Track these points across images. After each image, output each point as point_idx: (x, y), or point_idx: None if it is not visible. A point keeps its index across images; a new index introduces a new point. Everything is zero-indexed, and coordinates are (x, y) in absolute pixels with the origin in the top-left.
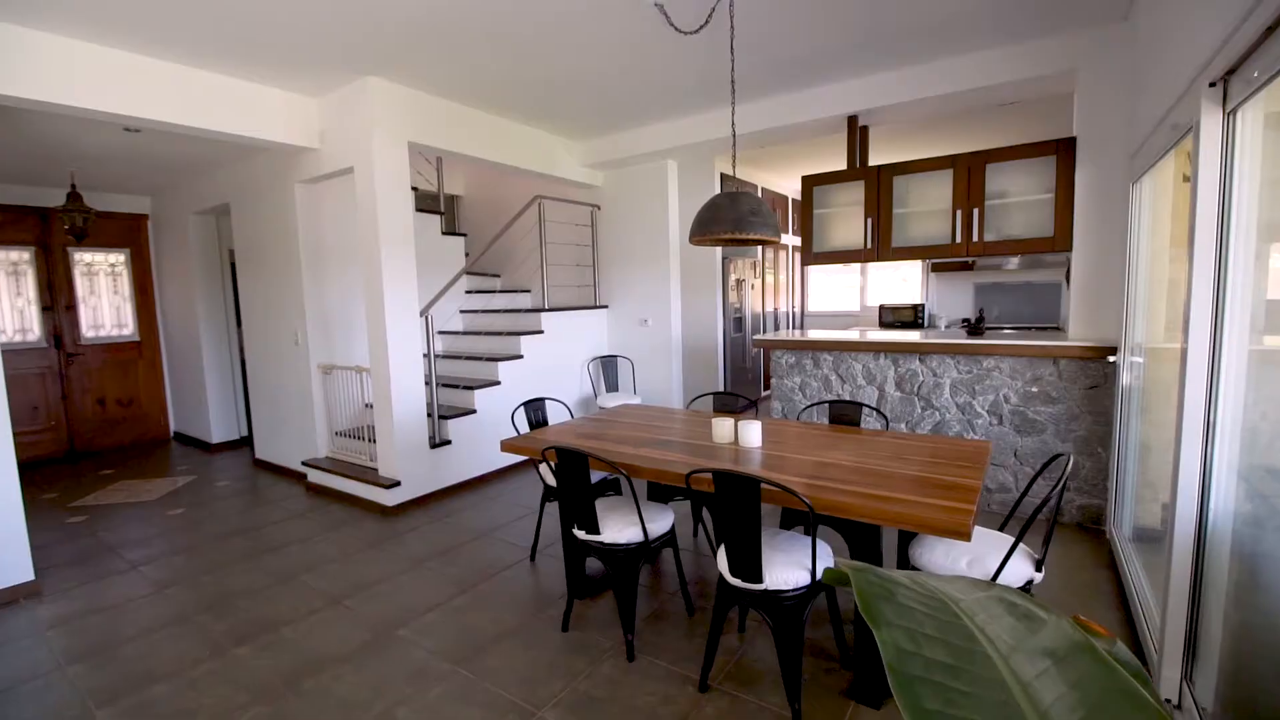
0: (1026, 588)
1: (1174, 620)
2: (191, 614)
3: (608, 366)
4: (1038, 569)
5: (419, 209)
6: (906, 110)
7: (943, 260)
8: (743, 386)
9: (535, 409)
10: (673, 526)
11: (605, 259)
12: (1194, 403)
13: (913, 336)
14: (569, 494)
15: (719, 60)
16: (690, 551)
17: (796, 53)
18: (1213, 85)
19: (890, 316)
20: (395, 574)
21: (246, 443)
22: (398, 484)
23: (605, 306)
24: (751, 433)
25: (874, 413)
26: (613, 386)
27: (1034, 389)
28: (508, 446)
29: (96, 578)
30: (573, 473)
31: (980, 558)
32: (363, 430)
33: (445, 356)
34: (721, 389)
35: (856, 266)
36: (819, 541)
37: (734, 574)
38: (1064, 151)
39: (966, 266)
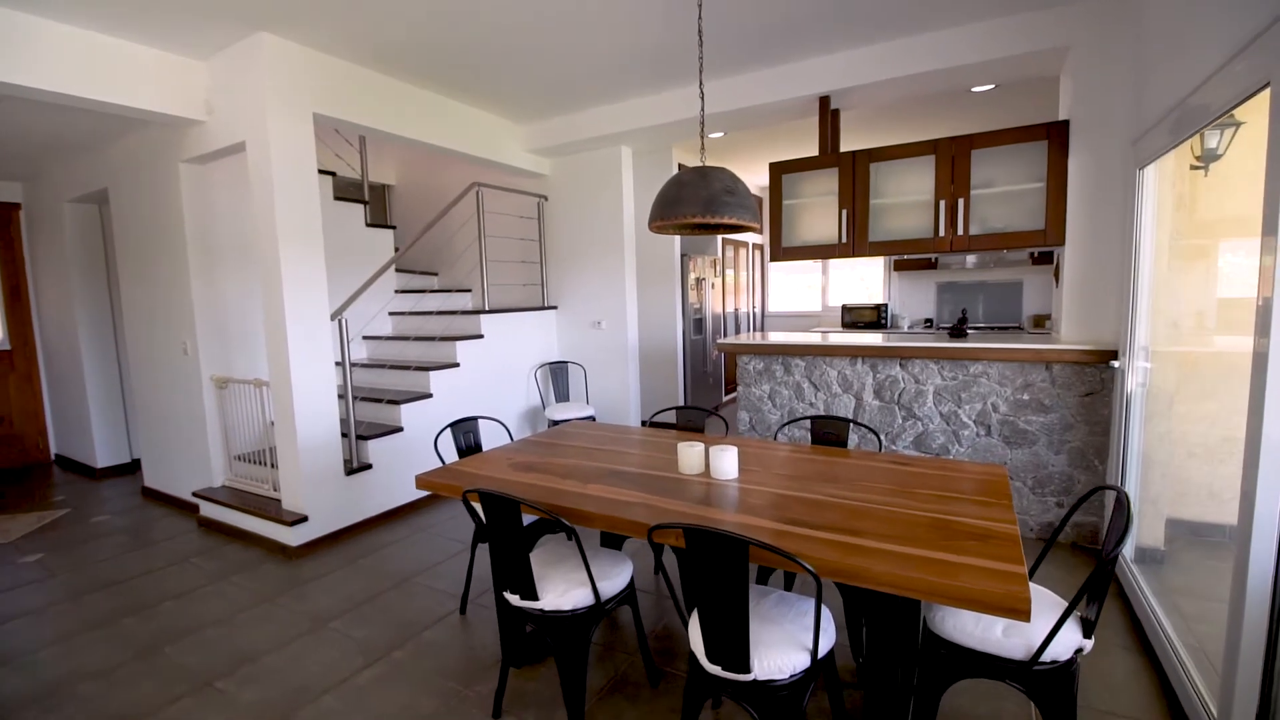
0: (1074, 659)
1: (1244, 691)
2: (12, 709)
3: (557, 374)
4: (1087, 634)
5: (340, 197)
6: (882, 91)
7: (904, 258)
8: (704, 392)
9: (465, 431)
10: (631, 580)
11: (554, 255)
12: (1275, 419)
13: (893, 340)
14: (499, 550)
15: (677, 23)
16: (651, 593)
17: (765, 20)
18: None
19: (852, 317)
20: (289, 640)
21: (139, 467)
22: (304, 519)
23: (554, 307)
24: (725, 462)
25: (864, 430)
26: (563, 396)
27: (1025, 396)
28: (423, 483)
29: None
30: (503, 523)
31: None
32: (266, 454)
33: (369, 365)
34: (682, 394)
35: (818, 265)
36: (815, 603)
37: (712, 659)
38: (1056, 136)
39: (929, 265)
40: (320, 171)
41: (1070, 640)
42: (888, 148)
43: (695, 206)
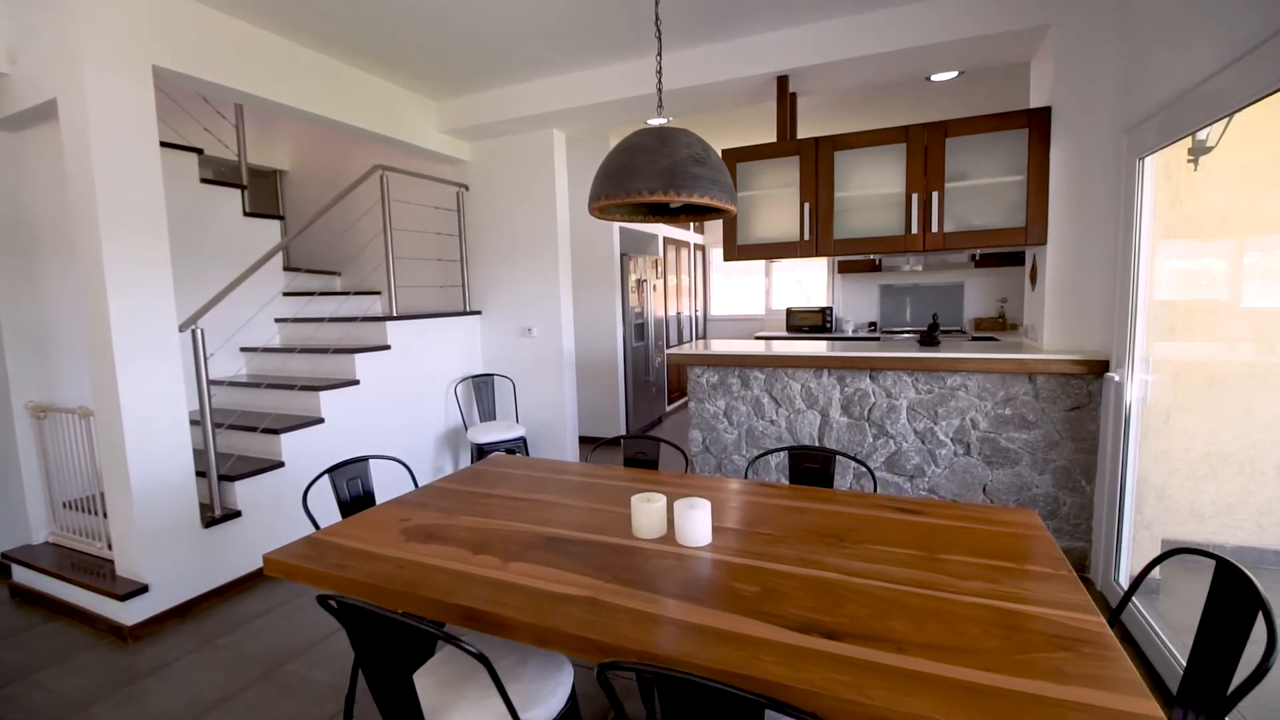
0: None
1: None
2: None
3: (481, 389)
4: None
5: (211, 180)
6: (844, 73)
7: (849, 259)
8: (646, 402)
9: (351, 478)
10: (572, 692)
11: (477, 253)
12: None
13: (863, 349)
14: (374, 681)
15: None
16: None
17: None
18: None
19: (797, 320)
20: None
21: None
22: (143, 589)
23: (478, 313)
24: (695, 524)
25: (854, 465)
26: (489, 414)
27: (1006, 411)
28: (275, 567)
29: None
30: (373, 644)
31: None
32: (98, 500)
33: (246, 384)
34: (623, 407)
35: (760, 268)
36: None
37: None
38: (1037, 124)
39: (873, 267)
40: (179, 147)
41: None
42: (854, 134)
43: (652, 180)
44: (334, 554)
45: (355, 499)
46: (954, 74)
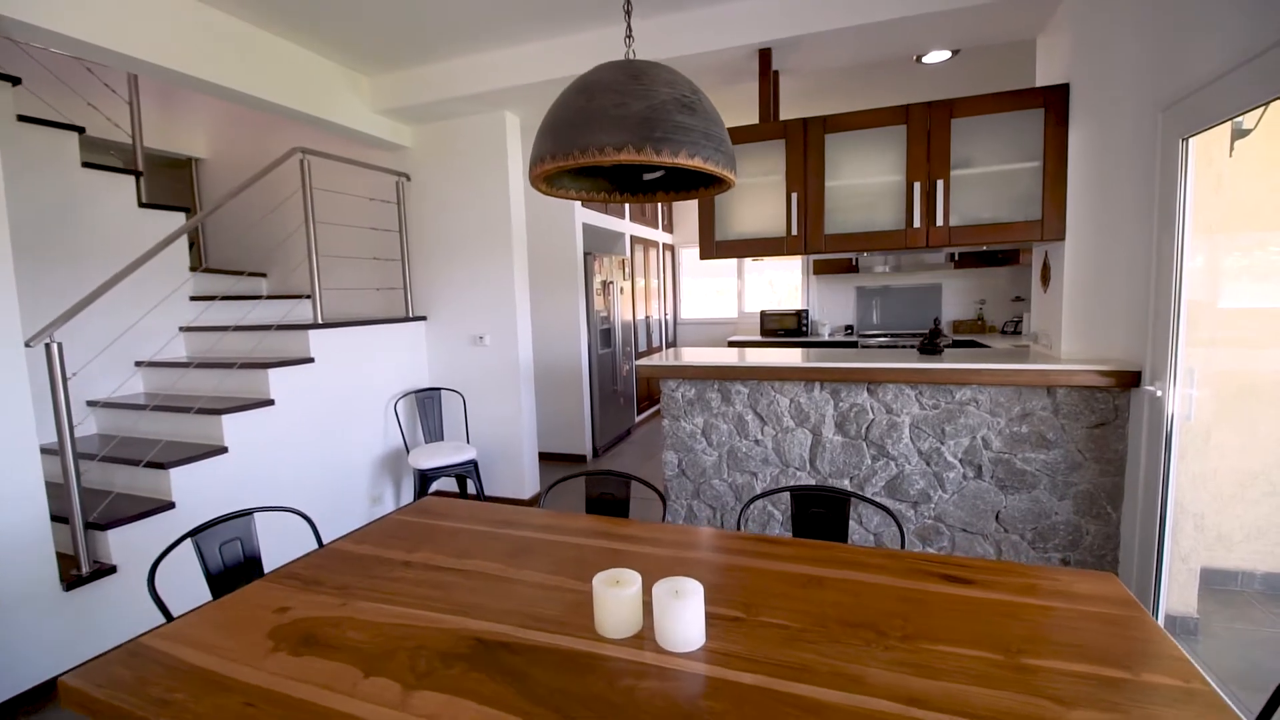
0: None
1: None
2: None
3: (426, 405)
4: None
5: (95, 164)
6: (832, 46)
7: (824, 258)
8: (614, 414)
9: (227, 540)
10: None
11: (420, 252)
12: None
13: (860, 360)
14: None
15: None
16: None
17: None
18: None
19: (772, 324)
20: None
21: None
22: None
23: (422, 318)
24: (684, 621)
25: (876, 509)
26: (435, 434)
27: (1022, 428)
28: (71, 697)
29: None
30: None
31: None
32: None
33: (131, 406)
34: (588, 421)
35: (732, 266)
36: None
37: None
38: (1054, 104)
39: (850, 268)
40: (51, 123)
41: None
42: (847, 115)
43: (620, 131)
44: (162, 677)
45: (235, 567)
46: (947, 55)
